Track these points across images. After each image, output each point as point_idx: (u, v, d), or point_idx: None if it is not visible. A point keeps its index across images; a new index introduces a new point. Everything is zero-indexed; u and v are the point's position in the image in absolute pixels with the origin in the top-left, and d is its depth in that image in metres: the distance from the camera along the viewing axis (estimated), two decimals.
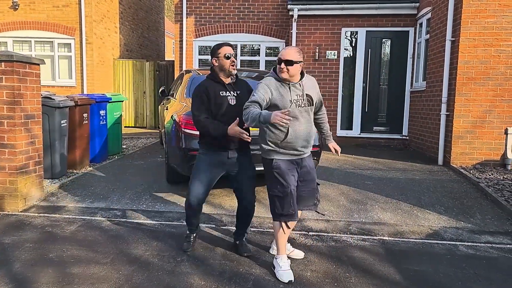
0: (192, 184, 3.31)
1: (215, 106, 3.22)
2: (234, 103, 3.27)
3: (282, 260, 3.12)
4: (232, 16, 10.43)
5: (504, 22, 6.48)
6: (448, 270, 3.28)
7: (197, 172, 3.31)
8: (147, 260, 3.33)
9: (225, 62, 3.23)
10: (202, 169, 3.30)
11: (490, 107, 6.61)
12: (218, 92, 3.25)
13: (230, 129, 3.08)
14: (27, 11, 11.24)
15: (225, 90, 3.28)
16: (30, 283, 2.93)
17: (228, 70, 3.25)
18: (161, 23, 17.28)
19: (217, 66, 3.28)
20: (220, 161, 3.30)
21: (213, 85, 3.27)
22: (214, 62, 3.28)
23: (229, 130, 3.09)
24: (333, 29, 9.32)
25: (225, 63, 3.23)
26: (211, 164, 3.30)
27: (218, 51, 3.24)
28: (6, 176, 4.47)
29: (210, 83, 3.28)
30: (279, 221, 3.08)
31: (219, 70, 3.28)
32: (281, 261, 3.11)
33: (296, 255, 3.42)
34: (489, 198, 5.06)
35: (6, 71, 4.34)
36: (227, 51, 3.23)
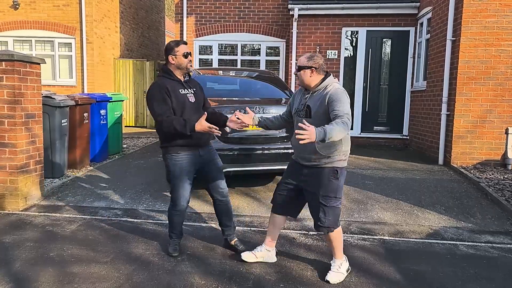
0: (177, 191, 3.25)
1: (177, 105, 3.16)
2: (193, 100, 3.25)
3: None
4: (233, 16, 10.43)
5: (505, 21, 6.47)
6: (448, 270, 3.28)
7: (177, 178, 3.23)
8: (148, 259, 3.33)
9: (183, 61, 3.19)
10: (181, 172, 3.21)
11: (491, 106, 6.60)
12: (178, 90, 3.19)
13: (198, 124, 3.03)
14: (27, 11, 11.24)
15: (183, 88, 3.24)
16: (30, 282, 2.93)
17: (186, 68, 3.22)
18: (161, 22, 17.27)
19: (173, 64, 3.21)
20: (192, 161, 3.25)
21: (171, 83, 3.19)
22: (171, 60, 3.20)
23: (197, 126, 3.03)
24: (334, 28, 9.31)
25: (183, 61, 3.19)
26: (186, 166, 3.22)
27: (176, 49, 3.19)
28: (7, 175, 4.47)
29: (168, 81, 3.19)
30: (337, 227, 3.04)
31: (175, 68, 3.22)
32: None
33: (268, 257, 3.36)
34: (490, 197, 5.05)
35: (7, 71, 4.35)
36: (185, 49, 3.20)
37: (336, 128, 2.63)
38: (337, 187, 2.97)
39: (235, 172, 4.84)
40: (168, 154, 3.22)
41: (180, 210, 3.31)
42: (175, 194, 3.27)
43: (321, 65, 2.97)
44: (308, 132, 2.54)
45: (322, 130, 2.57)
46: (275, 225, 3.29)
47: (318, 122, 2.84)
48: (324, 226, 2.98)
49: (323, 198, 2.94)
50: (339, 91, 2.89)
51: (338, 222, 3.05)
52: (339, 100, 2.81)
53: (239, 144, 4.73)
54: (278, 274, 3.14)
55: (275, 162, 4.85)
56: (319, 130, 2.57)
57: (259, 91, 5.80)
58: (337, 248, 3.10)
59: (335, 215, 2.99)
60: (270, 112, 4.78)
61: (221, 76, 6.39)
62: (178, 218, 3.36)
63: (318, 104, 2.91)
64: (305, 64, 2.95)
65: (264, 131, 4.80)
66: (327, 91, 2.90)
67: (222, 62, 10.61)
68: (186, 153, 3.21)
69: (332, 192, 2.95)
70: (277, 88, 5.78)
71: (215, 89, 5.90)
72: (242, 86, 6.04)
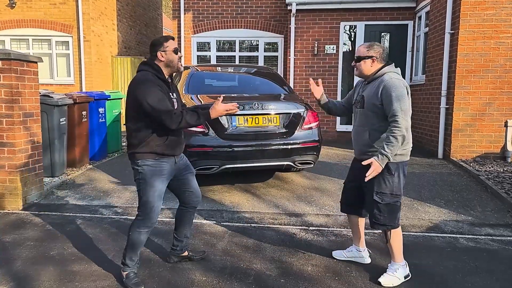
0: (151, 203, 2.81)
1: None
2: (176, 107, 2.84)
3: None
4: (230, 12, 10.38)
5: (504, 14, 6.45)
6: (448, 263, 3.29)
7: (153, 188, 2.80)
8: (148, 256, 3.33)
9: (174, 57, 2.80)
10: (158, 182, 2.82)
11: (490, 99, 6.59)
12: (167, 92, 2.80)
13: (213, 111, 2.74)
14: (24, 9, 11.19)
15: (171, 91, 2.86)
16: (31, 281, 2.93)
17: (177, 67, 2.84)
18: (159, 19, 17.21)
19: (163, 62, 2.80)
20: (169, 170, 2.87)
21: (161, 83, 2.77)
22: (160, 56, 2.78)
23: (213, 113, 2.74)
24: (332, 23, 9.28)
25: (174, 57, 2.80)
26: (164, 174, 2.85)
27: (166, 44, 2.79)
28: (6, 174, 4.46)
29: (158, 81, 2.77)
30: (395, 226, 2.91)
31: (164, 65, 2.81)
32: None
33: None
34: (489, 190, 5.06)
35: (4, 69, 4.33)
36: (175, 45, 2.83)
37: (393, 141, 2.67)
38: (393, 183, 2.81)
39: (234, 169, 4.84)
40: (144, 160, 2.77)
41: (152, 225, 2.88)
42: (148, 207, 2.81)
43: (382, 54, 2.85)
44: (372, 169, 2.68)
45: (383, 157, 2.67)
46: (353, 224, 3.23)
47: (370, 113, 2.84)
48: (379, 224, 2.85)
49: (378, 195, 2.82)
50: (394, 82, 2.74)
51: (396, 221, 2.89)
52: (392, 95, 2.70)
53: (238, 140, 4.72)
54: (279, 269, 3.14)
55: (274, 158, 4.84)
56: (381, 158, 2.67)
57: (258, 87, 5.79)
58: (395, 250, 2.93)
59: (391, 213, 2.84)
60: (268, 108, 4.78)
61: (219, 72, 6.37)
62: (145, 236, 2.89)
63: (372, 95, 2.82)
64: (365, 54, 2.85)
65: (264, 128, 4.80)
66: (381, 81, 2.79)
67: (220, 59, 10.58)
68: (164, 160, 2.82)
69: (388, 189, 2.80)
70: (275, 84, 5.77)
71: (213, 85, 5.88)
72: (241, 82, 6.03)
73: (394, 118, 2.69)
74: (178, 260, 3.22)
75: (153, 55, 2.83)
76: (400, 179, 2.85)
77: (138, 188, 2.86)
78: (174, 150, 2.86)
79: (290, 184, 5.38)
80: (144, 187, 2.81)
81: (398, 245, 2.94)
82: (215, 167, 4.66)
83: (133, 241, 2.87)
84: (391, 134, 2.69)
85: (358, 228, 3.22)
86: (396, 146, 2.68)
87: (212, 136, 4.64)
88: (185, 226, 3.16)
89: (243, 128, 4.75)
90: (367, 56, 2.84)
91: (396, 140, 2.67)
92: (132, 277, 2.89)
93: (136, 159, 2.80)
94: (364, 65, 2.86)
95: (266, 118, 4.79)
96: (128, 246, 2.89)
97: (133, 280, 2.87)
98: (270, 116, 4.81)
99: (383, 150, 2.68)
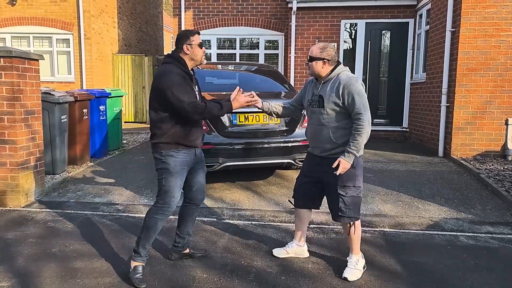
0: (171, 191, 2.87)
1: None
2: (199, 99, 2.94)
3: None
4: (231, 9, 10.37)
5: (505, 12, 6.44)
6: (448, 261, 3.30)
7: (175, 176, 2.86)
8: (149, 253, 3.33)
9: (199, 51, 2.90)
10: (180, 170, 2.88)
11: (491, 98, 6.60)
12: (191, 85, 2.89)
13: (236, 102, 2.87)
14: (24, 7, 11.18)
15: (194, 84, 2.95)
16: (33, 277, 2.95)
17: (200, 61, 2.94)
18: (159, 17, 17.19)
19: (188, 55, 2.88)
20: (189, 160, 2.94)
21: (185, 76, 2.86)
22: (186, 49, 2.86)
23: (235, 104, 2.87)
24: (333, 21, 9.27)
25: (198, 51, 2.90)
26: (185, 164, 2.91)
27: (192, 38, 2.87)
28: (8, 172, 4.48)
29: (183, 73, 2.85)
30: (358, 218, 3.01)
31: (189, 59, 2.89)
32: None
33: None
34: (490, 188, 5.06)
35: (6, 67, 4.33)
36: (199, 39, 2.92)
37: (358, 139, 2.81)
38: (355, 176, 2.92)
39: (235, 166, 4.85)
40: (167, 150, 2.86)
41: (169, 213, 2.94)
42: (168, 196, 2.88)
43: (334, 57, 2.93)
44: (341, 165, 2.78)
45: (350, 155, 2.79)
46: (301, 219, 3.28)
47: (331, 111, 2.90)
48: (346, 216, 2.93)
49: (342, 188, 2.91)
50: (352, 80, 2.86)
51: (359, 212, 3.01)
52: (353, 93, 2.82)
53: (239, 138, 4.73)
54: (279, 267, 3.15)
55: (275, 156, 4.85)
56: (347, 156, 2.79)
57: (258, 85, 5.79)
58: (355, 243, 3.03)
59: (355, 205, 2.95)
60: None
61: (220, 70, 6.37)
62: (161, 224, 2.94)
63: (330, 93, 2.88)
64: (318, 55, 2.92)
65: (264, 125, 4.81)
66: (339, 80, 2.88)
67: (221, 56, 10.58)
68: (186, 150, 2.91)
69: (351, 182, 2.91)
70: (276, 82, 5.78)
71: (214, 83, 5.88)
72: (241, 80, 6.03)
73: (358, 116, 2.83)
74: (179, 257, 3.24)
75: (178, 48, 2.90)
76: (360, 171, 2.98)
77: (160, 176, 2.91)
78: (196, 142, 2.96)
79: (290, 181, 5.39)
80: (167, 177, 2.87)
81: (358, 237, 3.06)
82: (216, 165, 4.67)
83: (149, 228, 2.91)
84: (356, 132, 2.82)
85: (305, 224, 3.31)
86: (362, 143, 2.83)
87: (213, 134, 4.65)
88: (188, 223, 3.18)
89: (244, 126, 4.76)
90: (319, 57, 2.92)
91: (361, 137, 2.82)
92: (138, 271, 2.89)
93: (160, 149, 2.88)
94: (315, 65, 2.94)
95: (266, 116, 4.80)
96: (143, 232, 2.92)
97: (137, 275, 2.87)
98: None
99: (349, 148, 2.81)
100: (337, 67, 2.94)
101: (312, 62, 2.94)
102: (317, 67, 2.93)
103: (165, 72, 2.82)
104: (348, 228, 2.99)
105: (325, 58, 2.90)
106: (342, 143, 2.89)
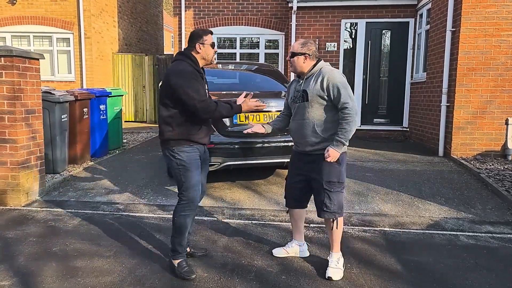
0: (192, 186, 2.92)
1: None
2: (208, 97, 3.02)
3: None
4: (231, 9, 10.37)
5: (505, 12, 6.44)
6: (448, 260, 3.30)
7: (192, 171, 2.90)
8: (150, 252, 3.35)
9: (211, 51, 2.97)
10: (195, 164, 2.94)
11: (491, 97, 6.60)
12: (202, 83, 2.95)
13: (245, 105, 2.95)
14: (24, 6, 11.18)
15: (203, 82, 3.01)
16: (34, 276, 2.95)
17: (211, 60, 3.01)
18: (159, 16, 17.19)
19: (199, 54, 2.94)
20: (199, 156, 3.01)
21: (197, 74, 2.91)
22: (198, 48, 2.93)
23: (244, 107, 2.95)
24: (333, 20, 9.27)
25: (210, 51, 2.97)
26: (198, 158, 2.98)
27: (205, 38, 2.94)
28: (8, 171, 4.48)
29: (194, 71, 2.90)
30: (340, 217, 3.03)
31: (200, 57, 2.95)
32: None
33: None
34: (490, 188, 5.07)
35: (6, 66, 4.33)
36: (212, 39, 3.00)
37: (346, 127, 2.82)
38: (340, 172, 2.96)
39: (236, 165, 4.85)
40: (179, 147, 2.89)
41: (196, 208, 3.01)
42: (191, 191, 2.92)
43: (314, 52, 3.01)
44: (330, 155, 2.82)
45: (339, 143, 2.81)
46: (295, 219, 3.30)
47: (316, 104, 2.93)
48: (330, 211, 2.97)
49: (327, 184, 2.94)
50: (335, 73, 2.93)
51: (343, 209, 3.05)
52: (338, 85, 2.86)
53: (239, 137, 4.73)
54: (280, 266, 3.16)
55: (275, 155, 4.85)
56: (336, 145, 2.82)
57: (259, 84, 5.79)
58: (336, 240, 3.09)
59: (339, 201, 2.99)
60: (270, 105, 4.78)
61: (220, 69, 6.37)
62: (190, 219, 3.01)
63: (314, 87, 2.92)
64: (299, 50, 2.96)
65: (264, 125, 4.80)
66: (322, 74, 2.93)
67: (221, 56, 10.58)
68: (197, 146, 2.96)
69: (335, 177, 2.94)
70: (276, 81, 5.77)
71: (214, 83, 5.88)
72: (242, 79, 6.03)
73: (345, 105, 2.84)
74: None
75: (191, 46, 2.96)
76: (344, 168, 3.02)
77: (178, 175, 2.94)
78: (205, 139, 3.01)
79: None
80: (185, 173, 2.91)
81: (340, 234, 3.09)
82: (216, 164, 4.67)
83: (180, 226, 2.97)
84: (344, 121, 2.84)
85: (301, 223, 3.32)
86: (350, 132, 2.84)
87: (214, 133, 4.65)
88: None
89: (244, 126, 4.76)
90: (301, 52, 2.96)
91: (349, 126, 2.83)
92: (184, 266, 2.97)
93: (171, 146, 2.91)
94: (297, 61, 2.97)
95: (267, 116, 4.80)
96: (176, 232, 2.98)
97: (184, 269, 2.95)
98: (271, 113, 4.81)
99: (338, 137, 2.83)
100: (318, 62, 3.00)
101: (294, 58, 2.98)
102: (298, 62, 2.97)
103: (178, 69, 2.86)
104: (331, 223, 3.01)
105: (306, 53, 2.95)
106: (327, 137, 2.92)
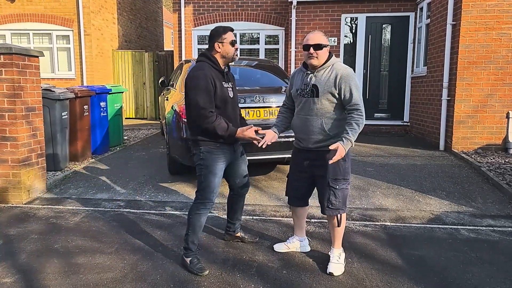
0: (211, 187, 2.94)
1: (220, 99, 2.90)
2: (232, 95, 3.01)
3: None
4: (231, 4, 10.34)
5: (506, 4, 6.40)
6: (449, 254, 3.31)
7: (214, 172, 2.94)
8: (151, 249, 3.36)
9: (231, 49, 2.94)
10: (219, 166, 2.97)
11: (492, 91, 6.58)
12: (221, 82, 2.93)
13: (240, 133, 2.88)
14: (24, 3, 11.16)
15: (226, 81, 2.99)
16: (36, 273, 2.97)
17: (232, 58, 2.97)
18: (159, 13, 17.14)
19: (219, 52, 2.94)
20: (228, 156, 3.03)
21: (216, 73, 2.91)
22: (217, 48, 2.92)
23: (239, 134, 2.88)
24: (333, 15, 9.24)
25: (230, 49, 2.94)
26: (223, 160, 3.00)
27: (224, 36, 2.92)
28: (9, 168, 4.49)
29: (213, 71, 2.90)
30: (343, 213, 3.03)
31: (220, 56, 2.95)
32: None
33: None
34: (491, 182, 5.07)
35: (6, 64, 4.33)
36: (232, 36, 2.95)
37: (356, 127, 2.77)
38: (346, 169, 2.94)
39: None
40: (206, 146, 2.93)
41: (211, 207, 3.02)
42: (208, 191, 2.95)
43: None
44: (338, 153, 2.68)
45: (348, 142, 2.72)
46: (298, 216, 3.29)
47: (326, 101, 2.85)
48: (335, 208, 2.96)
49: (333, 181, 2.91)
50: (349, 71, 2.84)
51: (346, 205, 3.04)
52: (351, 87, 2.79)
53: None
54: (281, 261, 3.16)
55: (276, 151, 4.85)
56: (346, 143, 2.72)
57: (259, 80, 5.78)
58: (338, 237, 3.09)
59: (344, 197, 2.97)
60: (270, 101, 4.78)
61: None
62: (204, 218, 3.02)
63: (326, 83, 2.82)
64: (325, 42, 2.85)
65: (265, 120, 4.81)
66: (335, 71, 2.83)
67: None
68: (225, 146, 2.97)
69: (341, 174, 2.92)
70: (276, 77, 5.76)
71: None
72: (242, 75, 6.01)
73: (356, 107, 2.80)
74: (231, 239, 3.48)
75: (210, 46, 2.97)
76: (349, 164, 3.01)
77: (198, 173, 2.99)
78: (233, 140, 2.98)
79: None
80: (205, 174, 2.95)
81: (342, 230, 3.10)
82: None
83: (194, 224, 2.99)
84: (355, 121, 2.78)
85: (303, 219, 3.32)
86: (358, 132, 2.80)
87: None
88: (236, 211, 3.39)
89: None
90: (327, 44, 2.87)
91: (358, 127, 2.79)
92: (196, 263, 2.99)
93: (198, 145, 2.96)
94: (324, 53, 2.85)
95: (267, 111, 4.80)
96: (190, 229, 3.00)
97: (197, 265, 2.97)
98: (272, 109, 4.81)
99: (348, 135, 2.74)
100: (332, 57, 2.90)
101: (323, 50, 2.83)
102: (324, 54, 2.85)
103: (193, 72, 2.88)
104: (335, 220, 3.01)
105: (328, 44, 2.88)
106: (334, 135, 2.86)
